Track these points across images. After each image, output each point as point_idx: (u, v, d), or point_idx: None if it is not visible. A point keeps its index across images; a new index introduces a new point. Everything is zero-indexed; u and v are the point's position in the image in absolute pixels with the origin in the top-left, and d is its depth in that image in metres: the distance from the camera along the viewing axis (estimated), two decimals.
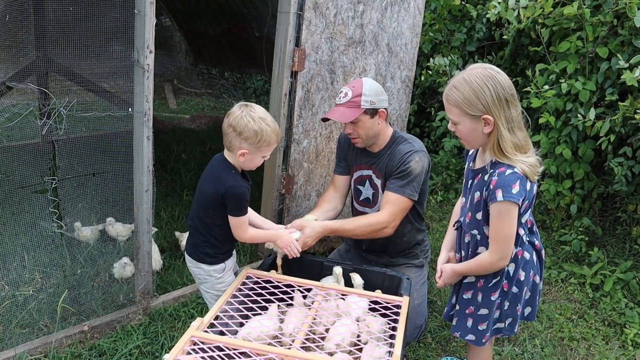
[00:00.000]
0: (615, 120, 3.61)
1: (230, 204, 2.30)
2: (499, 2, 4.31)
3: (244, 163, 2.33)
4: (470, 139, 2.13)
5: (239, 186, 2.29)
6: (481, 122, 2.03)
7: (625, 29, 3.73)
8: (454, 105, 2.06)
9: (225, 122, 2.30)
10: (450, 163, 5.54)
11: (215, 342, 1.98)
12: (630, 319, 3.43)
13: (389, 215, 2.82)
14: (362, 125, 2.83)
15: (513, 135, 2.02)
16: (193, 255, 2.45)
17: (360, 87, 2.78)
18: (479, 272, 2.23)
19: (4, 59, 3.45)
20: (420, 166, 2.84)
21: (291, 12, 3.20)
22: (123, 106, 2.89)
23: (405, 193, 2.83)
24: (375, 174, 3.01)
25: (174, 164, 5.65)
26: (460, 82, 2.03)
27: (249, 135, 2.23)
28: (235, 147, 2.27)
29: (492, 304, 2.25)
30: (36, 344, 2.67)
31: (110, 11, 2.85)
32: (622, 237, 4.22)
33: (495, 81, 1.99)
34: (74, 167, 3.43)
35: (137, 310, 3.02)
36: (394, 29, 3.90)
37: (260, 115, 2.25)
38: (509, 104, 2.00)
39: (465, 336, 2.35)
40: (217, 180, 2.31)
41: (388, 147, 2.96)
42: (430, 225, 4.75)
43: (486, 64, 2.09)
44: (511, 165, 2.02)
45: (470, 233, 2.26)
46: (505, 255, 2.12)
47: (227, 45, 7.84)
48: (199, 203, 2.40)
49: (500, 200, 2.01)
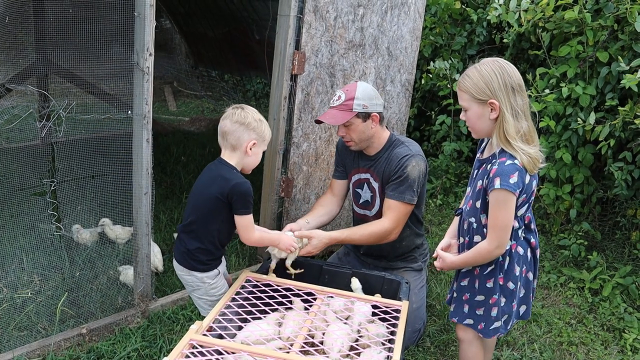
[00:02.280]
0: (615, 125, 3.61)
1: (236, 202, 2.29)
2: (500, 5, 4.32)
3: (250, 158, 2.38)
4: (477, 126, 2.22)
5: (244, 182, 2.31)
6: (488, 107, 2.13)
7: (626, 33, 3.73)
8: (464, 91, 2.19)
9: (226, 122, 2.34)
10: (450, 167, 5.54)
11: (214, 345, 1.97)
12: (629, 323, 3.43)
13: (392, 221, 2.85)
14: (354, 129, 2.84)
15: (517, 122, 2.11)
16: (184, 264, 2.42)
17: (354, 90, 2.79)
18: (477, 260, 2.27)
19: (4, 61, 3.45)
20: (417, 170, 2.85)
21: (291, 15, 3.20)
22: (122, 108, 2.89)
23: (405, 199, 2.85)
24: (372, 177, 3.01)
25: (173, 167, 5.64)
26: (472, 71, 2.18)
27: (256, 125, 2.34)
28: (244, 140, 2.33)
29: (488, 290, 2.30)
30: (34, 346, 2.66)
31: (110, 13, 2.86)
32: (621, 241, 4.22)
33: (504, 70, 2.12)
34: (73, 170, 3.43)
35: (136, 313, 3.01)
36: (394, 33, 3.90)
37: (256, 111, 2.40)
38: (515, 91, 2.11)
39: (463, 321, 2.40)
40: (222, 180, 2.31)
41: (385, 150, 2.96)
42: (430, 229, 4.74)
43: (497, 57, 2.22)
44: (512, 157, 2.11)
45: (468, 221, 2.33)
46: (502, 243, 2.19)
47: (227, 48, 7.85)
48: (200, 208, 2.37)
49: (497, 188, 2.09)
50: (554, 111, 4.04)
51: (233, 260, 3.78)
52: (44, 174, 3.42)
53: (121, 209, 3.53)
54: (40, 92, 3.45)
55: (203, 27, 7.76)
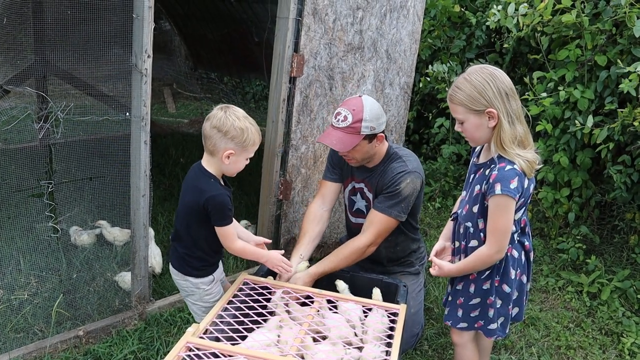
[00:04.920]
0: (614, 128, 3.61)
1: (212, 214, 2.23)
2: (499, 10, 4.32)
3: (229, 166, 2.27)
4: (476, 136, 2.20)
5: (218, 195, 2.22)
6: (485, 117, 2.12)
7: (624, 37, 3.74)
8: (458, 105, 2.16)
9: (206, 125, 2.22)
10: (449, 170, 5.54)
11: (210, 348, 1.97)
12: (627, 327, 3.42)
13: (370, 236, 2.75)
14: (359, 150, 2.73)
15: (513, 128, 2.11)
16: (180, 269, 2.40)
17: (361, 111, 2.63)
18: (476, 266, 2.26)
19: (3, 62, 3.45)
20: (411, 188, 2.76)
21: (290, 17, 3.20)
22: (121, 110, 2.89)
23: (392, 214, 2.75)
24: (367, 187, 2.95)
25: (172, 168, 5.64)
26: (462, 82, 2.14)
27: (235, 134, 2.18)
28: (220, 149, 2.21)
29: (485, 292, 2.30)
30: (30, 348, 2.66)
31: (109, 15, 2.85)
32: (619, 245, 4.22)
33: (494, 76, 2.11)
34: (71, 171, 3.42)
35: (133, 315, 3.00)
36: (393, 36, 3.90)
37: (243, 115, 2.24)
38: (509, 97, 2.11)
39: (457, 324, 2.40)
40: (196, 190, 2.25)
41: (382, 163, 2.88)
42: (428, 232, 4.74)
43: (483, 64, 2.21)
44: (511, 162, 2.11)
45: (464, 225, 2.33)
46: (502, 248, 2.19)
47: (226, 50, 7.86)
48: (182, 215, 2.34)
49: (498, 194, 2.08)
50: (552, 115, 4.04)
51: (231, 262, 3.78)
52: (41, 176, 3.41)
53: (119, 211, 3.52)
54: (38, 93, 3.44)
55: (202, 29, 7.76)
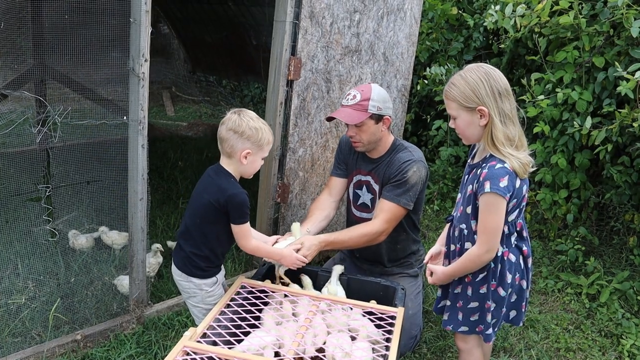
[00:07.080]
0: (612, 129, 3.61)
1: (232, 212, 2.29)
2: (496, 11, 4.33)
3: (246, 167, 2.34)
4: (467, 133, 2.22)
5: (239, 193, 2.29)
6: (477, 114, 2.13)
7: (622, 39, 3.74)
8: (452, 100, 2.19)
9: (222, 129, 2.31)
10: (447, 172, 5.54)
11: (207, 352, 1.96)
12: (627, 329, 3.42)
13: (382, 223, 2.83)
14: (366, 130, 2.84)
15: (505, 128, 2.12)
16: (184, 269, 2.41)
17: (369, 91, 2.80)
18: (467, 267, 2.26)
19: (1, 66, 3.45)
20: (417, 176, 2.85)
21: (287, 21, 3.20)
22: (118, 114, 2.89)
23: (400, 202, 2.84)
24: (373, 179, 3.01)
25: (170, 172, 5.64)
26: (457, 79, 2.17)
27: (251, 134, 2.28)
28: (237, 149, 2.30)
29: (482, 296, 2.29)
30: (28, 353, 2.65)
31: (106, 19, 2.86)
32: (618, 247, 4.21)
33: (489, 75, 2.12)
34: (68, 175, 3.42)
35: (131, 319, 3.00)
36: (390, 38, 3.90)
37: (256, 116, 2.36)
38: (502, 96, 2.12)
39: (458, 328, 2.39)
40: (217, 189, 2.30)
41: (388, 154, 2.97)
42: (427, 234, 4.74)
43: (481, 63, 2.22)
44: (502, 160, 2.11)
45: (459, 227, 2.33)
46: (492, 248, 2.17)
47: (224, 53, 7.88)
48: (197, 214, 2.37)
49: (487, 192, 2.08)
50: (550, 116, 4.04)
51: (229, 265, 3.78)
52: (39, 180, 3.41)
53: (117, 215, 3.52)
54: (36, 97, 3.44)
55: (201, 33, 7.78)
